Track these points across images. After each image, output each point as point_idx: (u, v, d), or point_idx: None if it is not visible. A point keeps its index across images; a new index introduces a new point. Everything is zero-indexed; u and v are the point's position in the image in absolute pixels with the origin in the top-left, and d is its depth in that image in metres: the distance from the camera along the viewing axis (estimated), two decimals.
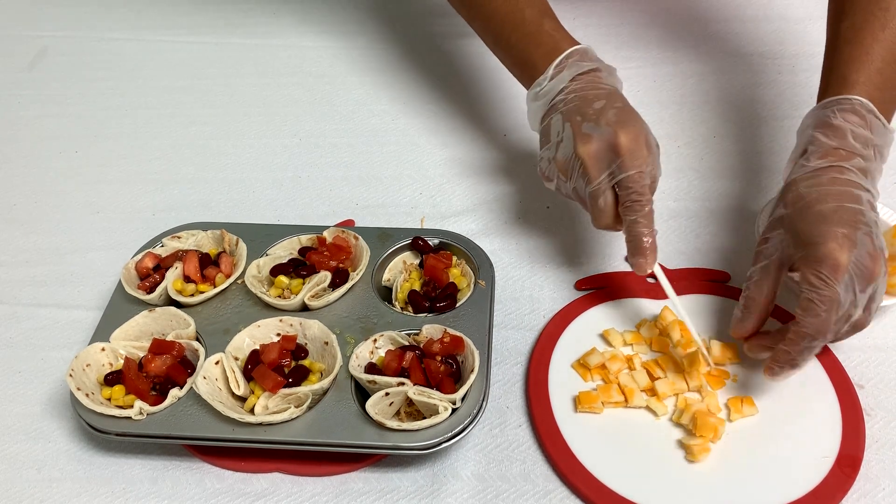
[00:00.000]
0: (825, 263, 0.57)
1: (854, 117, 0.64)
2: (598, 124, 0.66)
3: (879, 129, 0.64)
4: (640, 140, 0.66)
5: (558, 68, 0.71)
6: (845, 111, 0.64)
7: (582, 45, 0.73)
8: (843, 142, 0.63)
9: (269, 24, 1.14)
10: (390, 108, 0.98)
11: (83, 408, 0.62)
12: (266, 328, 0.67)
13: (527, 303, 0.74)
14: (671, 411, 0.64)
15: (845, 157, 0.63)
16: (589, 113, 0.67)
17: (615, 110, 0.67)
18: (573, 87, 0.70)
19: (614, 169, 0.66)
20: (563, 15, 0.77)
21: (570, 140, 0.68)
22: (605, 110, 0.67)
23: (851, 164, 0.62)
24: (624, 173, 0.65)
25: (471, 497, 0.61)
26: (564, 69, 0.71)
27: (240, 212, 0.86)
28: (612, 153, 0.65)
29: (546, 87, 0.71)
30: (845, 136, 0.63)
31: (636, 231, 0.66)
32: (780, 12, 1.06)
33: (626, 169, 0.65)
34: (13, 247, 0.84)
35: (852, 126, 0.63)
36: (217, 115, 0.99)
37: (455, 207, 0.84)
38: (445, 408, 0.59)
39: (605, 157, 0.66)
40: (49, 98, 1.04)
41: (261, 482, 0.62)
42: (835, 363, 0.66)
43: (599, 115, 0.67)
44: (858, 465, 0.59)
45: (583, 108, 0.68)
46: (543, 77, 0.72)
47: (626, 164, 0.65)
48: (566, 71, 0.71)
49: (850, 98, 0.65)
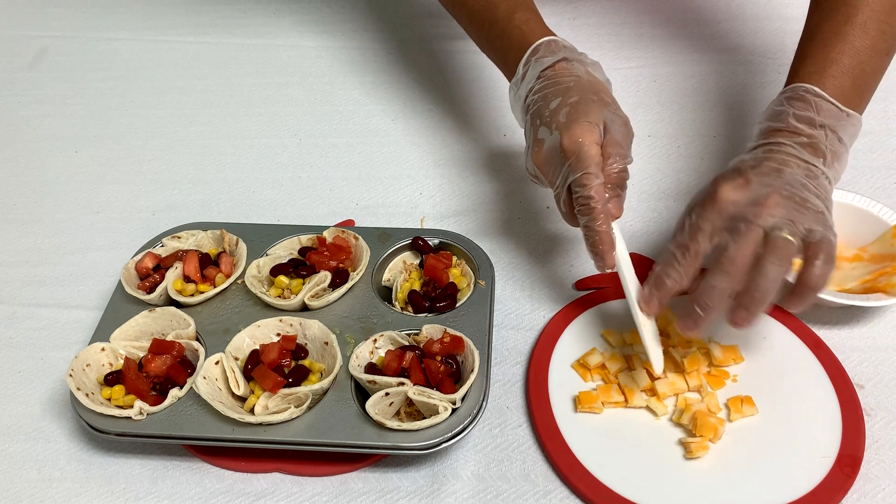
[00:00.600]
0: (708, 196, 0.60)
1: (798, 102, 0.65)
2: (549, 128, 0.66)
3: (831, 111, 0.65)
4: (586, 140, 0.64)
5: (525, 67, 0.71)
6: (790, 99, 0.66)
7: (548, 36, 0.72)
8: (784, 124, 0.65)
9: (269, 24, 1.14)
10: (390, 108, 0.98)
11: (83, 408, 0.62)
12: (266, 328, 0.67)
13: (527, 303, 0.74)
14: (671, 411, 0.64)
15: (786, 136, 0.64)
16: (545, 115, 0.67)
17: (567, 109, 0.66)
18: (538, 86, 0.69)
19: (566, 172, 0.65)
20: (562, 15, 0.77)
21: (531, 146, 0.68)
22: (558, 111, 0.66)
23: (792, 141, 0.64)
24: (572, 176, 0.64)
25: (471, 497, 0.61)
26: (530, 68, 0.71)
27: (240, 212, 0.86)
28: (562, 158, 0.65)
29: (521, 88, 0.71)
30: (786, 119, 0.65)
31: (587, 233, 0.65)
32: (780, 12, 1.06)
33: (574, 171, 0.64)
34: (13, 247, 0.84)
35: (795, 109, 0.65)
36: (217, 115, 0.99)
37: (455, 207, 0.84)
38: (445, 408, 0.59)
39: (557, 161, 0.65)
40: (49, 98, 1.04)
41: (261, 482, 0.62)
42: (835, 363, 0.66)
43: (552, 116, 0.66)
44: (858, 465, 0.59)
45: (542, 111, 0.68)
46: (516, 78, 0.72)
47: (573, 167, 0.64)
48: (531, 70, 0.70)
49: (794, 87, 0.67)
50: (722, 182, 0.61)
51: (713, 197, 0.60)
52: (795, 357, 0.67)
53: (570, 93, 0.67)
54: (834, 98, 0.65)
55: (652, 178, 0.86)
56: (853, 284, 0.71)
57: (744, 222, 0.58)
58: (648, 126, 0.92)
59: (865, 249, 0.73)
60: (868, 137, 0.87)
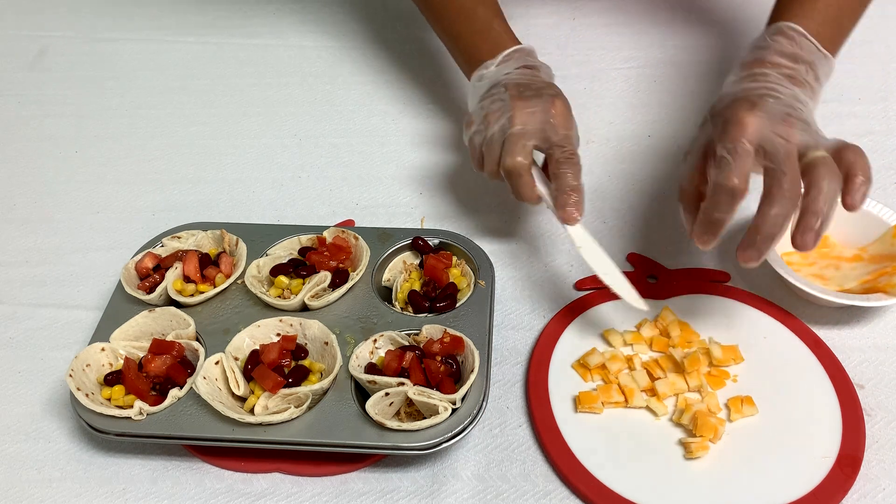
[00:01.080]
0: (732, 123, 0.60)
1: (780, 37, 0.68)
2: (537, 93, 0.72)
3: (811, 48, 0.68)
4: (570, 113, 0.72)
5: (506, 59, 0.76)
6: (772, 34, 0.69)
7: (526, 45, 0.78)
8: (768, 57, 0.67)
9: (269, 24, 1.14)
10: (390, 108, 0.98)
11: (83, 408, 0.62)
12: (266, 328, 0.67)
13: (527, 303, 0.74)
14: (671, 411, 0.64)
15: (770, 67, 0.66)
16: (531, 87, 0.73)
17: (554, 90, 0.73)
18: (518, 72, 0.75)
19: (548, 129, 0.70)
20: (563, 15, 0.77)
21: (508, 98, 0.72)
22: (545, 89, 0.73)
23: (776, 72, 0.66)
24: (558, 133, 0.70)
25: (471, 497, 0.61)
26: (511, 60, 0.76)
27: (240, 212, 0.86)
28: (547, 114, 0.70)
29: (492, 70, 0.76)
30: (770, 51, 0.68)
31: (567, 181, 0.69)
32: None
33: (560, 129, 0.70)
34: (13, 247, 0.84)
35: (779, 45, 0.68)
36: (217, 115, 0.99)
37: (455, 207, 0.84)
38: (445, 408, 0.59)
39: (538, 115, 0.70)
40: (49, 98, 1.04)
41: (261, 482, 0.62)
42: (835, 363, 0.66)
43: (539, 90, 0.72)
44: (858, 465, 0.59)
45: (524, 84, 0.73)
46: (491, 62, 0.76)
47: (560, 125, 0.70)
48: (512, 62, 0.76)
49: (778, 24, 0.69)
50: (740, 110, 0.60)
51: (740, 123, 0.59)
52: (795, 357, 0.67)
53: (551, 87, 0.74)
54: (814, 38, 0.68)
55: (652, 178, 0.86)
56: (853, 284, 0.71)
57: (780, 146, 0.58)
58: (648, 126, 0.92)
59: (865, 249, 0.73)
60: (868, 137, 0.87)
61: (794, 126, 0.60)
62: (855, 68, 0.95)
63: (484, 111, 0.74)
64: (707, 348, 0.66)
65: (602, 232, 0.80)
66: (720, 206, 0.59)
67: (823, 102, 0.92)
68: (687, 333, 0.68)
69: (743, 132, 0.59)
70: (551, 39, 1.00)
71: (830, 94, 0.92)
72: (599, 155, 0.89)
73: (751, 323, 0.70)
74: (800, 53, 0.67)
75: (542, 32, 0.86)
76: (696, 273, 0.75)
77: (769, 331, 0.69)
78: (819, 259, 0.73)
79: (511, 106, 0.71)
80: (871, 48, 0.98)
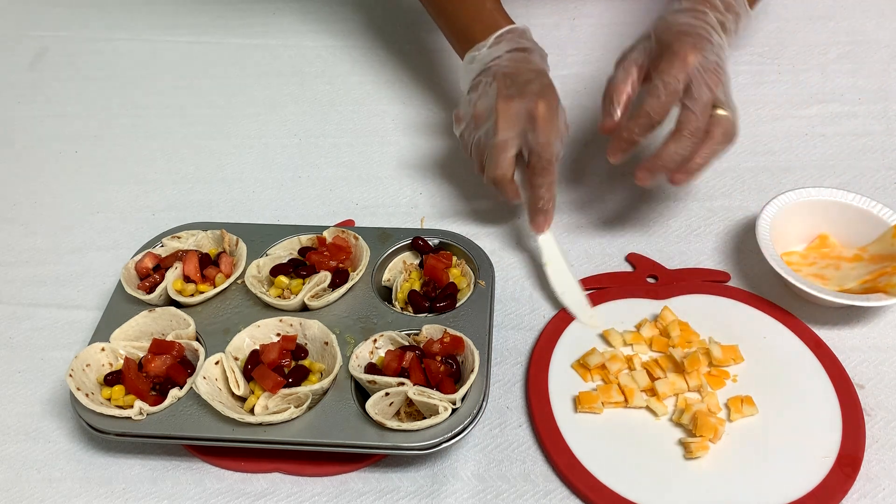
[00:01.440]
0: (677, 57, 0.66)
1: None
2: (522, 90, 0.72)
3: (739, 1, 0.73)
4: (556, 114, 0.72)
5: (497, 40, 0.77)
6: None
7: (519, 25, 0.78)
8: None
9: (269, 24, 1.14)
10: (390, 108, 0.98)
11: (83, 408, 0.62)
12: (266, 328, 0.67)
13: (527, 303, 0.74)
14: (671, 411, 0.64)
15: (710, 8, 0.71)
16: (518, 80, 0.73)
17: (540, 85, 0.73)
18: (508, 56, 0.76)
19: (528, 133, 0.71)
20: (562, 15, 0.77)
21: (494, 96, 0.73)
22: (532, 82, 0.73)
23: (714, 14, 0.71)
24: (537, 140, 0.71)
25: (471, 497, 0.61)
26: (503, 42, 0.76)
27: (240, 212, 0.86)
28: (529, 118, 0.71)
29: (483, 52, 0.77)
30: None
31: (540, 194, 0.73)
32: (780, 12, 1.06)
33: (539, 136, 0.71)
34: (13, 247, 0.84)
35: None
36: (217, 115, 0.99)
37: (455, 207, 0.84)
38: (445, 408, 0.59)
39: (521, 118, 0.71)
40: (49, 98, 1.04)
41: (261, 482, 0.62)
42: (835, 363, 0.66)
43: (525, 84, 0.73)
44: (858, 465, 0.59)
45: (512, 75, 0.74)
46: (483, 44, 0.77)
47: (540, 131, 0.71)
48: (504, 43, 0.76)
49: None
50: (685, 45, 0.66)
51: (684, 62, 0.66)
52: (795, 357, 0.67)
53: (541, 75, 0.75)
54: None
55: None
56: (853, 284, 0.71)
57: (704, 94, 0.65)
58: None
59: (865, 249, 0.73)
60: (868, 137, 0.87)
61: (720, 78, 0.67)
62: (855, 68, 0.95)
63: (472, 108, 0.75)
64: (707, 348, 0.66)
65: (602, 232, 0.80)
66: (639, 128, 0.67)
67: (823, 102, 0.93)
68: (687, 333, 0.68)
69: (682, 69, 0.65)
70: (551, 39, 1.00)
71: (830, 94, 0.93)
72: (599, 155, 0.88)
73: (751, 323, 0.70)
74: (732, 4, 0.72)
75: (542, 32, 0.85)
76: (696, 273, 0.75)
77: (769, 331, 0.69)
78: (819, 259, 0.73)
79: (495, 109, 0.72)
80: (871, 48, 0.98)
